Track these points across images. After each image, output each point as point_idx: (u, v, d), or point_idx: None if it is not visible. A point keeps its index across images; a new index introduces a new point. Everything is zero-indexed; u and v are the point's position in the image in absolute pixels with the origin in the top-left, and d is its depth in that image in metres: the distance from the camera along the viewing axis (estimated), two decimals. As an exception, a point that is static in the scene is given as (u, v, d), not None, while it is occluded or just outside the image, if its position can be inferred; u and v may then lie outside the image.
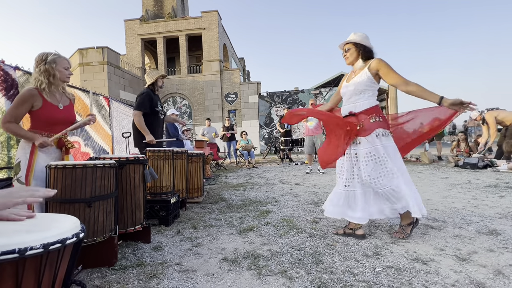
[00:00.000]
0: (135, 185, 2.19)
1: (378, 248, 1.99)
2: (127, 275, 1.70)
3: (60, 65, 1.95)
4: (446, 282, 1.50)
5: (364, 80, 2.11)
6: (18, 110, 1.86)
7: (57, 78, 1.95)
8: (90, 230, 1.73)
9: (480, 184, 4.23)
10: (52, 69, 1.92)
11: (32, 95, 1.86)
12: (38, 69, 1.90)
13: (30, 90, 1.87)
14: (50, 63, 1.91)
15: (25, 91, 1.86)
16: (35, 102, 1.88)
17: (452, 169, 6.16)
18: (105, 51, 13.76)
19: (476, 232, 2.23)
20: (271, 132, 16.31)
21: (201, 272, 1.72)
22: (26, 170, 1.85)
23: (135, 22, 17.70)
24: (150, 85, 3.38)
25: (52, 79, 1.93)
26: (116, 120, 6.24)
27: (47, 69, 1.90)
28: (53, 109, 1.96)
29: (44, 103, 1.91)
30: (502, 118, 6.03)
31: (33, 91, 1.87)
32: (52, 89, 1.96)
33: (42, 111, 1.91)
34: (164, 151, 2.97)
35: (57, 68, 1.93)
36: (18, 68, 3.58)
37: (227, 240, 2.27)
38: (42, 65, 1.90)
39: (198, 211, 3.28)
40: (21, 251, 0.64)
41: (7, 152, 3.40)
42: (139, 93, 3.35)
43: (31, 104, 1.87)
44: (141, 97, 3.24)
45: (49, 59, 1.91)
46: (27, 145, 1.88)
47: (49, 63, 1.91)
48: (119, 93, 14.28)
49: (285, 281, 1.58)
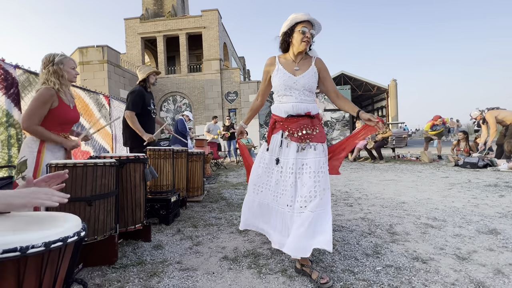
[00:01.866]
0: (135, 184, 2.19)
1: (378, 247, 1.99)
2: (127, 273, 1.71)
3: (67, 65, 1.96)
4: (446, 281, 1.51)
5: (314, 79, 1.79)
6: (41, 111, 1.85)
7: (65, 78, 1.96)
8: (90, 228, 1.73)
9: (480, 184, 4.23)
10: (60, 70, 1.92)
11: (52, 95, 1.87)
12: (46, 70, 1.90)
13: (50, 90, 1.87)
14: (57, 64, 1.91)
15: (45, 91, 1.85)
16: (54, 101, 1.89)
17: (452, 168, 6.16)
18: (105, 50, 13.74)
19: (476, 231, 2.24)
20: (271, 131, 16.29)
21: (202, 271, 1.72)
22: (34, 169, 1.84)
23: (135, 21, 17.66)
24: (141, 82, 3.20)
25: (61, 80, 1.94)
26: (117, 120, 6.23)
27: (55, 70, 1.91)
28: (67, 109, 1.98)
29: (60, 103, 1.93)
30: (502, 117, 6.03)
31: (52, 90, 1.87)
32: (63, 89, 1.97)
33: (58, 110, 1.91)
34: (164, 150, 2.97)
35: (64, 69, 1.94)
36: (18, 66, 3.57)
37: (228, 239, 2.28)
38: (51, 67, 1.90)
39: (198, 210, 3.28)
40: (23, 250, 0.64)
41: (8, 151, 3.40)
42: (130, 90, 3.19)
43: (51, 103, 1.87)
44: (133, 96, 3.08)
45: (56, 60, 1.91)
46: (34, 144, 1.87)
47: (57, 64, 1.91)
48: (119, 92, 14.27)
49: (285, 279, 1.59)
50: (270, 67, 1.86)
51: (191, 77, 17.18)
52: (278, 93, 1.83)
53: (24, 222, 0.80)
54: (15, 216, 0.85)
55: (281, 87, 1.79)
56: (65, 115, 1.97)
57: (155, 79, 3.28)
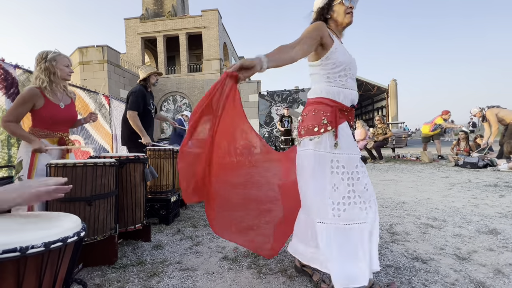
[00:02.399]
0: (135, 184, 2.19)
1: (378, 247, 1.99)
2: (127, 273, 1.70)
3: (61, 63, 1.95)
4: (446, 281, 1.51)
5: None
6: (19, 110, 1.86)
7: (57, 76, 1.95)
8: (90, 228, 1.73)
9: (480, 183, 4.23)
10: (53, 67, 1.91)
11: (33, 95, 1.86)
12: (38, 67, 1.90)
13: (32, 90, 1.87)
14: (50, 61, 1.90)
15: (26, 91, 1.86)
16: (37, 101, 1.87)
17: (452, 168, 6.16)
18: (105, 50, 13.75)
19: (476, 231, 2.24)
20: (271, 131, 16.30)
21: (201, 271, 1.72)
22: (28, 169, 1.85)
23: (135, 21, 17.67)
24: (142, 81, 3.24)
25: (53, 77, 1.93)
26: (117, 119, 6.24)
27: (47, 67, 1.90)
28: (55, 108, 1.96)
29: (46, 102, 1.91)
30: (502, 116, 6.06)
31: (34, 90, 1.87)
32: (53, 87, 1.95)
33: (44, 110, 1.90)
34: (164, 150, 2.97)
35: (57, 66, 1.93)
36: (18, 66, 3.58)
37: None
38: (43, 63, 1.90)
39: (198, 210, 3.28)
40: (23, 250, 0.64)
41: (7, 150, 3.40)
42: (131, 90, 3.20)
43: (33, 103, 1.87)
44: (135, 95, 3.11)
45: (49, 57, 1.91)
46: (29, 144, 1.88)
47: (49, 61, 1.90)
48: (119, 91, 14.27)
49: (285, 279, 1.58)
50: (325, 32, 1.40)
51: (191, 77, 17.19)
52: (340, 73, 1.44)
53: (24, 222, 0.80)
54: (15, 216, 0.85)
55: (346, 65, 1.44)
56: (53, 114, 1.94)
57: (156, 79, 3.30)
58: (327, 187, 1.37)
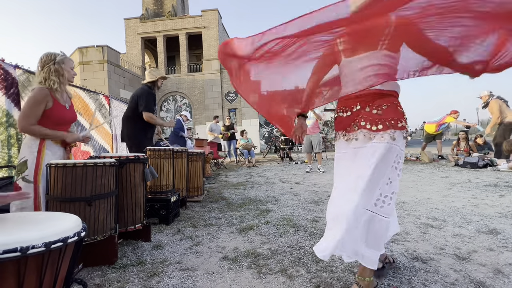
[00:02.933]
0: (135, 184, 2.20)
1: (378, 247, 1.99)
2: (127, 273, 1.71)
3: (68, 65, 1.98)
4: (445, 281, 1.51)
5: None
6: (37, 111, 1.85)
7: (65, 78, 1.97)
8: (90, 228, 1.73)
9: (480, 183, 4.23)
10: (62, 69, 1.94)
11: (45, 95, 1.86)
12: (47, 69, 1.89)
13: (43, 90, 1.86)
14: (59, 63, 1.93)
15: (38, 91, 1.85)
16: (48, 101, 1.88)
17: (452, 168, 6.16)
18: (105, 50, 13.74)
19: (476, 231, 2.24)
20: (271, 131, 16.31)
21: (201, 271, 1.72)
22: (35, 169, 1.84)
23: (135, 21, 17.66)
24: (149, 83, 3.37)
25: (61, 79, 1.95)
26: (116, 119, 6.24)
27: (57, 69, 1.91)
28: (62, 109, 1.98)
29: (55, 103, 1.92)
30: (503, 110, 6.08)
31: (45, 90, 1.87)
32: (61, 88, 1.97)
33: (53, 111, 1.91)
34: (164, 150, 2.98)
35: (65, 68, 1.96)
36: (18, 66, 3.57)
37: (227, 239, 2.28)
38: (52, 65, 1.90)
39: (198, 210, 3.28)
40: (23, 250, 0.64)
41: (7, 151, 3.40)
42: (140, 90, 3.31)
43: (45, 103, 1.87)
44: (147, 96, 3.24)
45: (58, 59, 1.93)
46: (34, 144, 1.87)
47: (58, 63, 1.92)
48: (119, 92, 14.27)
49: (285, 279, 1.59)
50: None
51: (191, 77, 17.18)
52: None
53: (25, 223, 0.80)
54: (15, 217, 0.85)
55: None
56: (61, 115, 1.96)
57: (161, 83, 3.48)
58: (384, 179, 1.35)
